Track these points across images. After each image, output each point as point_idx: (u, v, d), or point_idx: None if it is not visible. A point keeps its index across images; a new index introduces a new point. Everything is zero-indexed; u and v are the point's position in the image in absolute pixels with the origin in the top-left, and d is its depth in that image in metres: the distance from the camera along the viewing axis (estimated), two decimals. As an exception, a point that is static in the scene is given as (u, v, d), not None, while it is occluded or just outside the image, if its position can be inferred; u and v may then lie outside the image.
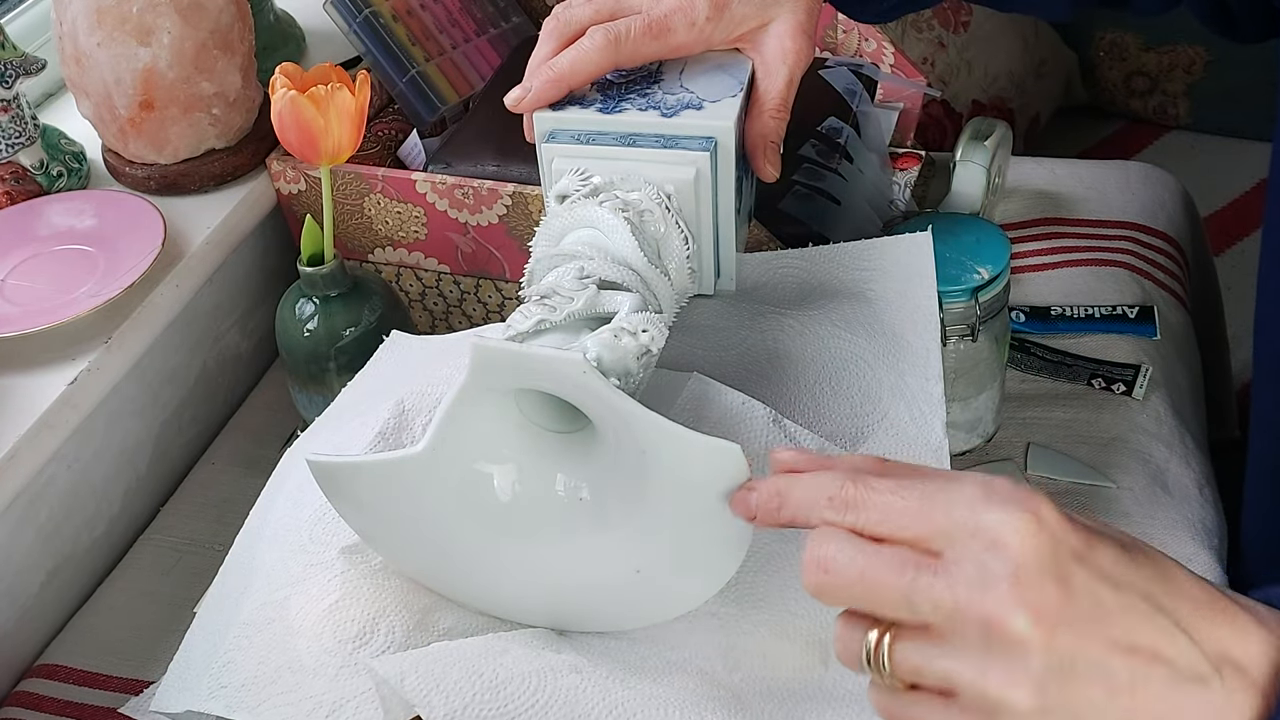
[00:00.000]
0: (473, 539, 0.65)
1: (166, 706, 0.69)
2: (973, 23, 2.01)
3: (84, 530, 0.89)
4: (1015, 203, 1.08)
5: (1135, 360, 0.93)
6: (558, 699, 0.59)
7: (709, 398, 0.73)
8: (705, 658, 0.64)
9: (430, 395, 0.74)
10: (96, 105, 0.95)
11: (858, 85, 0.99)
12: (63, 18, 0.93)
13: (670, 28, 0.73)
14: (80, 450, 0.88)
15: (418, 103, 1.06)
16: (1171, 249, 1.06)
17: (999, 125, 1.03)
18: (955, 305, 0.79)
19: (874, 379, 0.76)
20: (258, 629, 0.67)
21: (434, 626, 0.66)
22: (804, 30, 0.75)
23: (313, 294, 0.87)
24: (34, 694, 0.81)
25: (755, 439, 0.71)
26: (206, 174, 0.98)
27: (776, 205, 0.91)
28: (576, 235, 0.68)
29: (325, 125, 0.80)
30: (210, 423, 1.01)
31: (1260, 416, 0.80)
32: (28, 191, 0.95)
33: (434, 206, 0.94)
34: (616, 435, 0.61)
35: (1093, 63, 2.29)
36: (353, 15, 1.04)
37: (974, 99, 2.02)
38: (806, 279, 0.82)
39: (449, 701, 0.58)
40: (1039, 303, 0.98)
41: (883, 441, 0.74)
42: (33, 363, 0.84)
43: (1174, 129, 2.29)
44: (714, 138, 0.70)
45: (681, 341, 0.78)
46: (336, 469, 0.64)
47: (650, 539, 0.63)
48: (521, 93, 0.73)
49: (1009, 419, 0.89)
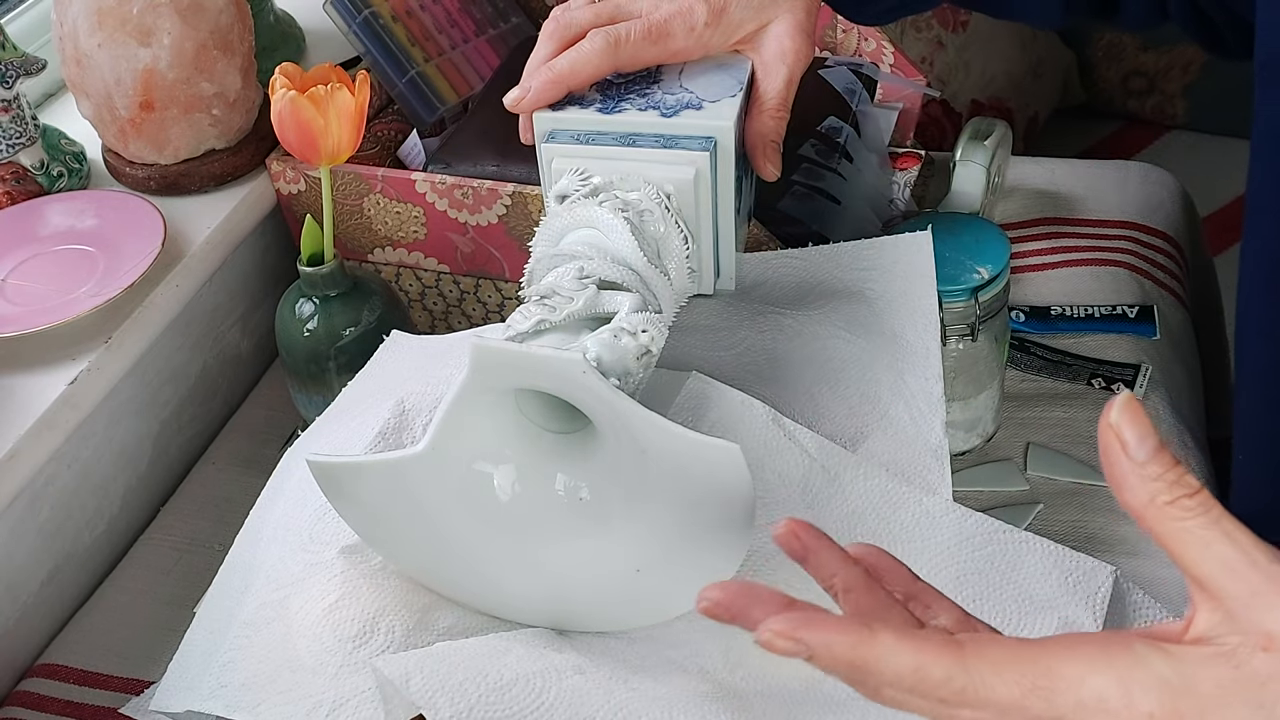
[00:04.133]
0: (473, 539, 0.65)
1: (166, 706, 0.69)
2: (972, 23, 2.01)
3: (84, 530, 0.89)
4: (1015, 202, 1.08)
5: (1135, 360, 0.93)
6: (562, 700, 0.60)
7: (708, 397, 0.73)
8: (706, 657, 0.64)
9: (430, 395, 0.74)
10: (97, 105, 0.95)
11: (857, 85, 0.99)
12: (63, 18, 0.93)
13: (669, 32, 0.73)
14: (80, 450, 0.88)
15: (417, 103, 1.06)
16: (1171, 249, 1.06)
17: (999, 125, 1.03)
18: (955, 305, 0.79)
19: (874, 378, 0.76)
20: (258, 629, 0.67)
21: (434, 626, 0.66)
22: (803, 30, 0.75)
23: (313, 294, 0.87)
24: (34, 694, 0.81)
25: (755, 439, 0.71)
26: (206, 174, 0.98)
27: (776, 205, 0.91)
28: (576, 235, 0.68)
29: (325, 125, 0.80)
30: (210, 422, 1.01)
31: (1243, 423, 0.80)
32: (28, 191, 0.95)
33: (434, 206, 0.94)
34: (616, 435, 0.61)
35: (1091, 63, 2.29)
36: (352, 15, 1.04)
37: (973, 99, 2.02)
38: (806, 278, 0.82)
39: (454, 703, 0.58)
40: (1039, 302, 0.98)
41: (882, 441, 0.74)
42: (33, 363, 0.84)
43: (1172, 129, 2.29)
44: (714, 137, 0.71)
45: (681, 341, 0.79)
46: (337, 469, 0.64)
47: (650, 539, 0.63)
48: (520, 93, 0.73)
49: (1009, 419, 0.89)
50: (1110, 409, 0.44)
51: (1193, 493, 0.43)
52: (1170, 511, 0.43)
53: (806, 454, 0.71)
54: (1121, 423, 0.44)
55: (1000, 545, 0.71)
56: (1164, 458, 0.44)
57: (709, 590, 0.46)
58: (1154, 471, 0.43)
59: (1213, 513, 0.43)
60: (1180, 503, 0.43)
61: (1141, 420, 0.44)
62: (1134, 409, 0.44)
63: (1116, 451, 0.44)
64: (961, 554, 0.68)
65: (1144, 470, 0.44)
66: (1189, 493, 0.43)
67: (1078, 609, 0.68)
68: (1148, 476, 0.43)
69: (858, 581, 0.49)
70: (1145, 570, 0.77)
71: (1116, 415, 0.44)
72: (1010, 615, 0.67)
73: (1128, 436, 0.44)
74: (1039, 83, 2.17)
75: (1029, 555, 0.70)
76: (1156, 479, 0.43)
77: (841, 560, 0.50)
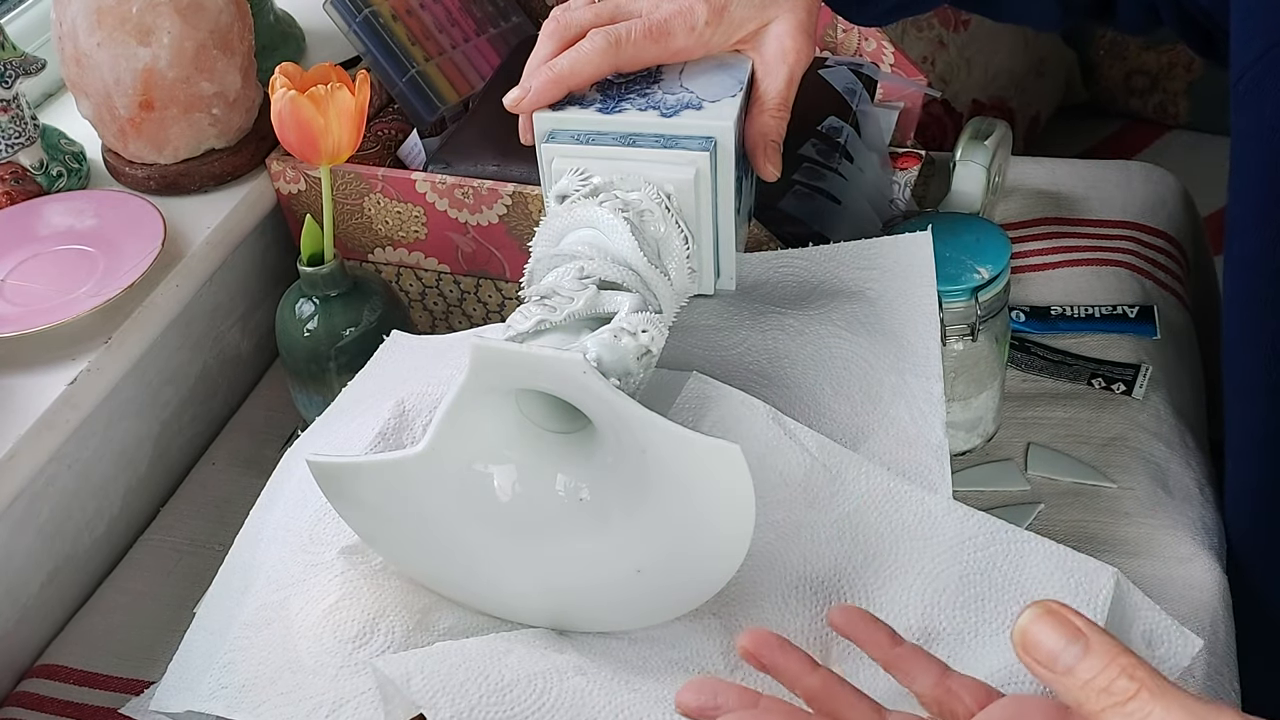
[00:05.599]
0: (473, 539, 0.65)
1: (166, 706, 0.69)
2: (973, 22, 2.01)
3: (84, 530, 0.89)
4: (1015, 202, 1.08)
5: (1135, 360, 0.93)
6: (564, 701, 0.59)
7: (709, 397, 0.73)
8: (707, 657, 0.64)
9: (430, 395, 0.74)
10: (96, 105, 0.95)
11: (858, 84, 0.99)
12: (63, 18, 0.93)
13: (670, 32, 0.73)
14: (80, 450, 0.88)
15: (418, 103, 1.05)
16: (1172, 248, 1.06)
17: (999, 125, 1.03)
18: (955, 305, 0.79)
19: (874, 378, 0.76)
20: (258, 629, 0.67)
21: (434, 626, 0.66)
22: (804, 29, 0.75)
23: (313, 294, 0.87)
24: (34, 694, 0.81)
25: (755, 438, 0.71)
26: (206, 174, 0.98)
27: (776, 205, 0.90)
28: (576, 235, 0.68)
29: (325, 125, 0.80)
30: (210, 423, 1.01)
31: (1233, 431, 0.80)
32: (28, 191, 0.95)
33: (434, 206, 0.94)
34: (616, 435, 0.61)
35: (1093, 62, 2.29)
36: (352, 15, 1.04)
37: (974, 98, 2.02)
38: (806, 278, 0.82)
39: (455, 704, 0.58)
40: (1039, 302, 0.98)
41: (883, 441, 0.74)
42: (33, 363, 0.84)
43: (1174, 128, 2.29)
44: (713, 137, 0.70)
45: (681, 341, 0.78)
46: (337, 469, 0.64)
47: (650, 539, 0.63)
48: (520, 93, 0.73)
49: (1009, 419, 0.89)
50: (1015, 628, 0.42)
51: (1127, 698, 0.41)
52: (1105, 719, 0.41)
53: (807, 453, 0.71)
54: (1029, 637, 0.42)
55: (1002, 545, 0.71)
56: (1091, 663, 0.41)
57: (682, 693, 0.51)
58: (1081, 679, 0.41)
59: (1152, 718, 0.40)
60: (1110, 712, 0.41)
61: (1062, 626, 0.41)
62: (1048, 619, 0.42)
63: (1035, 667, 0.42)
64: (963, 554, 0.68)
65: (1067, 680, 0.41)
66: (1123, 699, 0.41)
67: (1079, 610, 0.68)
68: (1073, 685, 0.41)
69: (819, 689, 0.54)
70: (1147, 571, 0.77)
71: (1019, 636, 0.41)
72: (1011, 616, 0.67)
73: (1045, 648, 0.42)
74: (1041, 82, 2.17)
75: (1031, 556, 0.70)
76: (1083, 686, 0.41)
77: (805, 669, 0.55)
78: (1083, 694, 0.41)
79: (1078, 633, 0.41)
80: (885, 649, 0.56)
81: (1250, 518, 0.81)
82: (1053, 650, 0.41)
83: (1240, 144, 0.70)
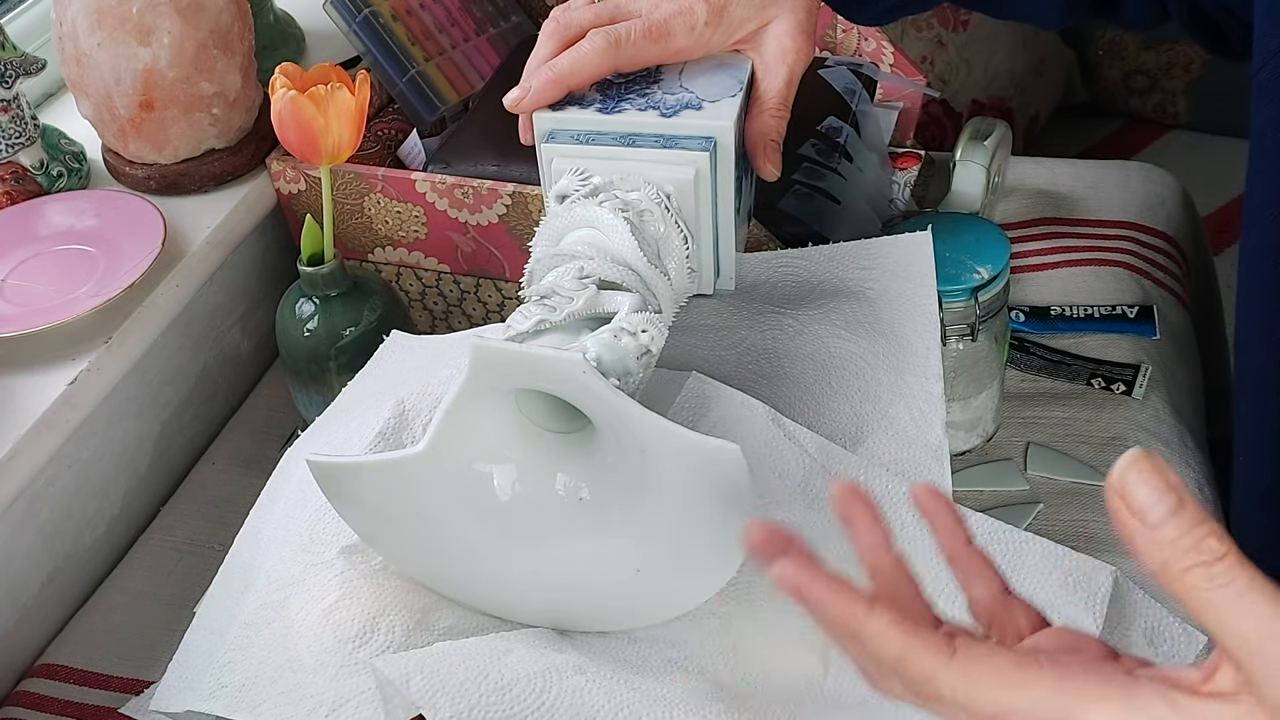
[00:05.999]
0: (473, 539, 0.65)
1: (166, 706, 0.69)
2: (972, 22, 2.01)
3: (84, 530, 0.89)
4: (1015, 202, 1.08)
5: (1135, 360, 0.93)
6: (564, 700, 0.60)
7: (708, 397, 0.73)
8: (707, 657, 0.64)
9: (430, 395, 0.74)
10: (96, 105, 0.95)
11: (857, 84, 0.99)
12: (63, 18, 0.93)
13: (670, 32, 0.73)
14: (80, 450, 0.88)
15: (418, 102, 1.06)
16: (1171, 248, 1.06)
17: (999, 125, 1.03)
18: (955, 305, 0.79)
19: (874, 378, 0.76)
20: (258, 629, 0.67)
21: (434, 626, 0.66)
22: (803, 29, 0.75)
23: (313, 294, 0.87)
24: (34, 694, 0.81)
25: (755, 438, 0.71)
26: (206, 174, 0.98)
27: (776, 205, 0.91)
28: (576, 235, 0.68)
29: (325, 125, 0.80)
30: (210, 423, 1.01)
31: (1244, 429, 0.80)
32: (28, 191, 0.95)
33: (434, 206, 0.94)
34: (616, 435, 0.61)
35: (1092, 62, 2.29)
36: (352, 15, 1.04)
37: (974, 98, 2.02)
38: (806, 278, 0.82)
39: (455, 704, 0.58)
40: (1039, 302, 0.98)
41: (882, 441, 0.74)
42: (33, 363, 0.84)
43: (1174, 128, 2.29)
44: (713, 137, 0.71)
45: (681, 341, 0.79)
46: (337, 469, 0.64)
47: (650, 539, 0.63)
48: (520, 93, 0.73)
49: (1009, 419, 0.89)
50: (1114, 469, 0.40)
51: (1215, 559, 0.40)
52: (1189, 580, 0.40)
53: (806, 454, 0.71)
54: (1127, 483, 0.40)
55: (1001, 545, 0.71)
56: (1181, 520, 0.40)
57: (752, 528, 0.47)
58: (1169, 535, 0.40)
59: (1238, 583, 0.40)
60: (1196, 571, 0.40)
61: (1155, 477, 0.40)
62: (1143, 466, 0.40)
63: (1124, 515, 0.41)
64: (962, 554, 0.68)
65: (1156, 534, 0.40)
66: (1211, 559, 0.40)
67: (1078, 609, 0.68)
68: (1161, 541, 0.40)
69: (885, 567, 0.50)
70: (1146, 570, 0.77)
71: (1119, 477, 0.40)
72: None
73: (1138, 498, 0.40)
74: (1040, 82, 2.17)
75: (1029, 555, 0.70)
76: (1172, 543, 0.40)
77: (882, 545, 0.50)
78: (1170, 551, 0.40)
79: (1170, 488, 0.40)
80: (958, 542, 0.52)
81: (1260, 515, 0.80)
82: (1146, 502, 0.40)
83: (1260, 133, 0.70)
